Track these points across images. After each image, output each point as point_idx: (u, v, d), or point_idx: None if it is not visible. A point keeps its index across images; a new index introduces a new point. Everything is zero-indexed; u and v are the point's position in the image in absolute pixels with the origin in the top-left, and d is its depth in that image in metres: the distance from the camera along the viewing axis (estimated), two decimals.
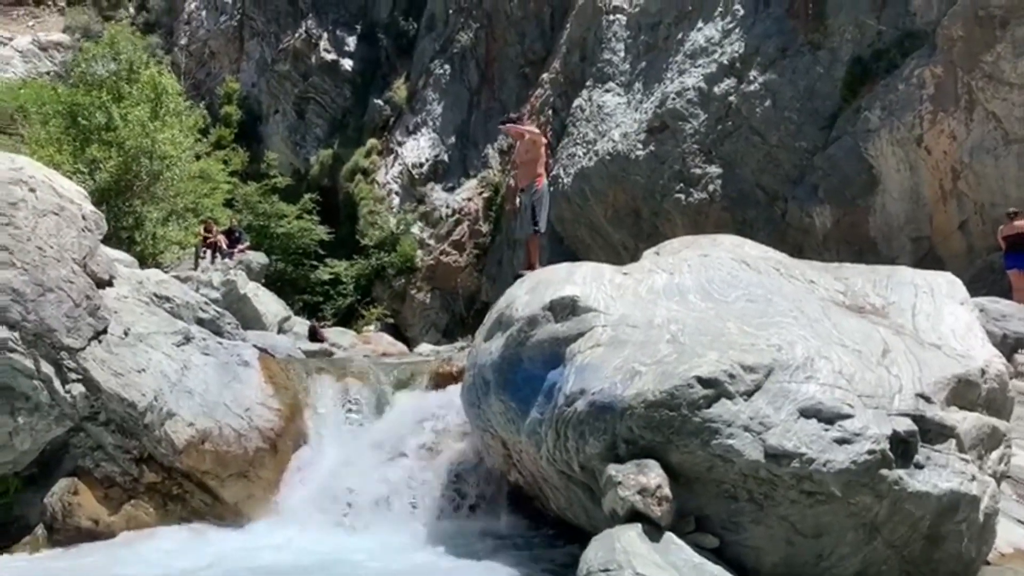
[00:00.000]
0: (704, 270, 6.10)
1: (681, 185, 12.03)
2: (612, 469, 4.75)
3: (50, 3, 35.89)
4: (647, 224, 12.68)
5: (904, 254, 9.68)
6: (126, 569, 6.36)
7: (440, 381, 8.61)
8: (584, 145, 14.11)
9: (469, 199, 19.10)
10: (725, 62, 11.87)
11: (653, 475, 4.62)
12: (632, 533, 4.46)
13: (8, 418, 7.10)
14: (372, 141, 22.74)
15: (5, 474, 7.34)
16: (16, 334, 7.18)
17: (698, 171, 11.90)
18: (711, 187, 11.75)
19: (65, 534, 7.16)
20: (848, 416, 4.58)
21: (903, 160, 9.83)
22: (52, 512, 7.21)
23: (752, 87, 11.48)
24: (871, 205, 10.17)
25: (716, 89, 11.87)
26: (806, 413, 4.62)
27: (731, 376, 4.75)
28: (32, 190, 7.93)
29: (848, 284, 6.18)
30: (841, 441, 4.50)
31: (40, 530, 7.18)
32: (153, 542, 7.16)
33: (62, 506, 7.24)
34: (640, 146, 12.73)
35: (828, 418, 4.58)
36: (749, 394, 4.72)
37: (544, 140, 10.10)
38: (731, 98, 11.65)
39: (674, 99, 12.29)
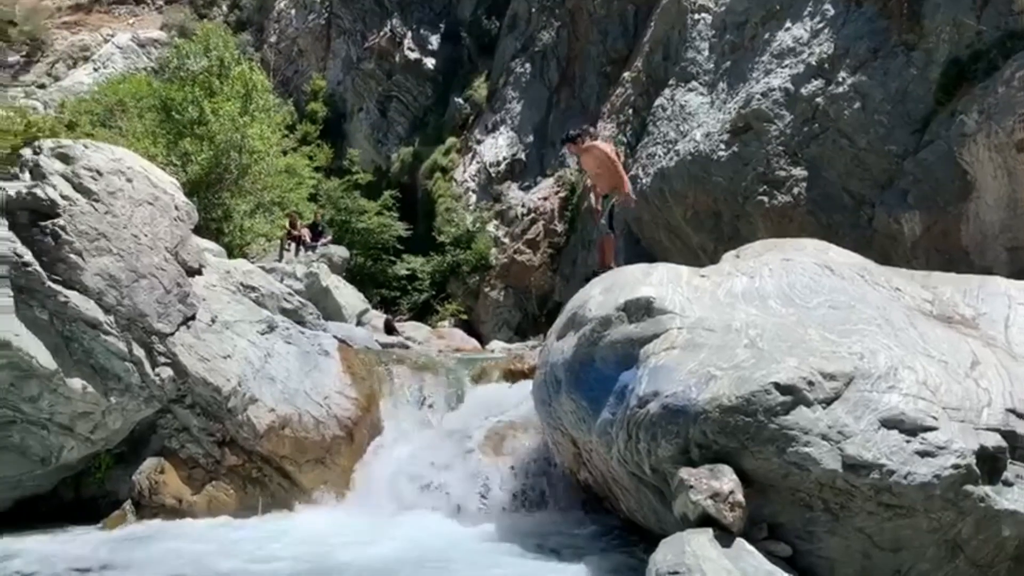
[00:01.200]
0: (786, 274, 5.98)
1: (764, 187, 11.75)
2: (684, 473, 4.71)
3: (149, 2, 37.42)
4: (728, 227, 12.44)
5: (999, 265, 9.24)
6: (207, 546, 6.61)
7: (512, 377, 8.68)
8: (664, 145, 13.94)
9: (545, 198, 19.09)
10: (813, 63, 11.55)
11: (726, 480, 4.56)
12: (703, 537, 4.41)
13: (102, 398, 7.46)
14: (451, 139, 22.97)
15: (98, 451, 7.72)
16: (111, 318, 7.55)
17: (782, 173, 11.61)
18: (795, 190, 11.45)
19: (151, 510, 7.50)
20: (932, 428, 4.43)
21: (1000, 166, 9.40)
22: (139, 489, 7.56)
23: (841, 88, 11.13)
24: (964, 212, 9.74)
25: (803, 90, 11.54)
26: (887, 424, 4.49)
27: (810, 383, 4.65)
28: (129, 180, 8.30)
29: (936, 293, 5.98)
30: (923, 454, 4.36)
31: (128, 505, 7.54)
32: (232, 522, 7.45)
33: (149, 484, 7.57)
34: (723, 147, 12.48)
35: (910, 430, 4.44)
36: (828, 402, 4.62)
37: (609, 147, 10.03)
38: (818, 99, 11.32)
39: (759, 99, 12.01)
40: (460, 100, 23.29)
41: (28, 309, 7.27)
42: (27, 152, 8.33)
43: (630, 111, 16.27)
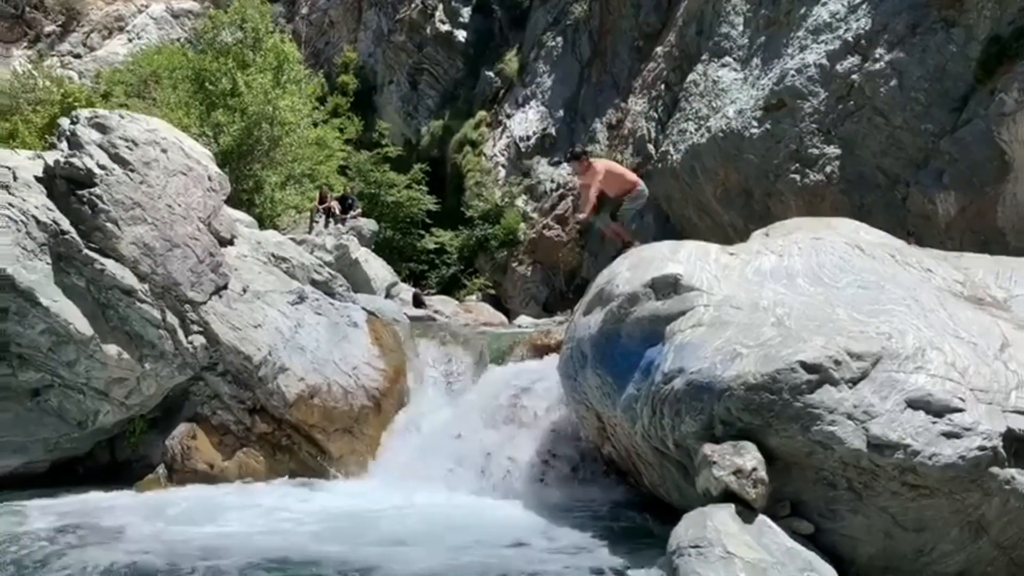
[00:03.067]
0: (815, 254, 5.94)
1: (797, 165, 11.61)
2: (708, 449, 4.74)
3: None
4: (759, 205, 12.33)
5: None
6: (240, 511, 6.76)
7: (538, 352, 8.72)
8: (696, 121, 13.81)
9: (574, 174, 19.00)
10: (850, 39, 11.34)
11: (749, 457, 4.59)
12: (725, 513, 4.45)
13: (137, 364, 7.64)
14: (481, 113, 22.87)
15: (133, 416, 7.92)
16: (146, 286, 7.70)
17: (815, 151, 11.46)
18: (828, 168, 11.31)
19: (183, 475, 7.70)
20: (958, 410, 4.42)
21: None
22: (172, 454, 7.76)
23: (877, 66, 10.93)
24: (1001, 193, 9.58)
25: (839, 67, 11.35)
26: (914, 404, 4.48)
27: (836, 362, 4.65)
28: (164, 151, 8.42)
29: (968, 274, 5.91)
30: (949, 435, 4.34)
31: (161, 469, 7.74)
32: (262, 488, 7.62)
33: (181, 449, 7.77)
34: (755, 124, 12.33)
35: (937, 410, 4.43)
36: (854, 382, 4.61)
37: (606, 166, 9.89)
38: (854, 76, 11.13)
39: (793, 76, 11.84)
40: (491, 74, 23.17)
41: (66, 276, 7.45)
42: (65, 122, 8.48)
43: (662, 86, 16.11)
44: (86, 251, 7.49)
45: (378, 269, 15.50)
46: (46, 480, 7.61)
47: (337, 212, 18.99)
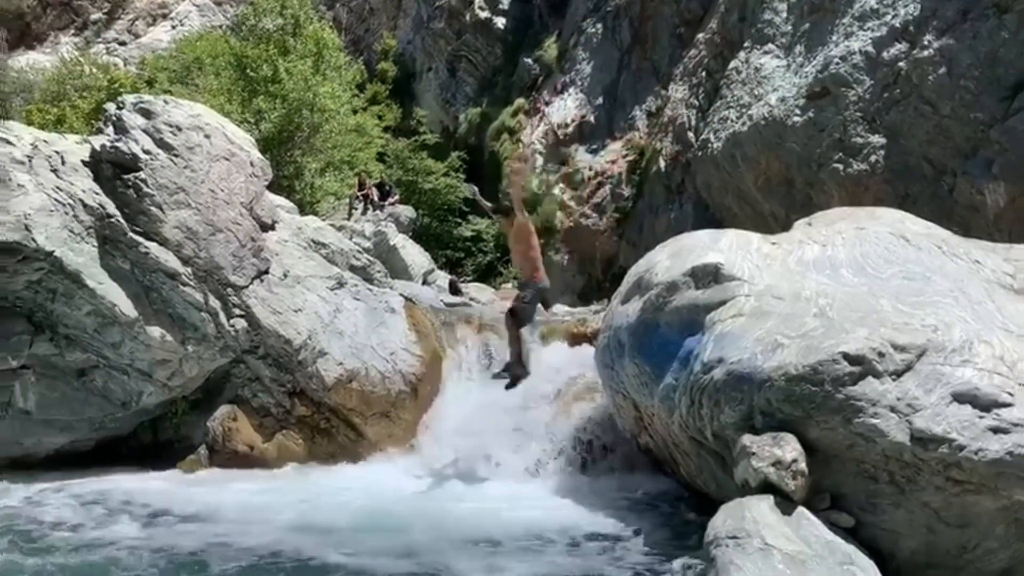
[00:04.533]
0: (859, 244, 5.83)
1: (840, 155, 11.39)
2: (747, 439, 4.70)
3: None
4: (800, 194, 12.14)
5: None
6: (278, 494, 6.86)
7: (574, 341, 8.70)
8: (738, 109, 13.62)
9: (613, 161, 18.81)
10: (897, 25, 11.08)
11: (789, 449, 4.54)
12: (763, 504, 4.41)
13: (179, 346, 7.77)
14: (519, 100, 22.76)
15: (175, 397, 8.06)
16: (189, 269, 7.82)
17: (859, 140, 11.23)
18: (872, 158, 11.08)
19: (224, 456, 7.82)
20: (1006, 404, 4.32)
21: None
22: (213, 435, 7.89)
23: (926, 53, 10.67)
24: None
25: (885, 54, 11.10)
26: (960, 398, 4.39)
27: (880, 354, 4.57)
28: (207, 136, 8.52)
29: (1018, 267, 5.76)
30: (996, 430, 4.26)
31: (202, 450, 7.88)
32: (302, 471, 7.73)
33: (222, 430, 7.89)
34: (798, 112, 12.12)
35: (984, 405, 4.34)
36: (898, 374, 4.53)
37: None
38: (901, 64, 10.87)
39: (838, 63, 11.60)
40: (529, 61, 23.06)
41: (111, 259, 7.59)
42: (111, 107, 8.62)
43: (703, 73, 15.91)
44: (131, 234, 7.63)
45: (415, 256, 15.57)
46: (91, 459, 7.78)
47: (375, 199, 19.09)
